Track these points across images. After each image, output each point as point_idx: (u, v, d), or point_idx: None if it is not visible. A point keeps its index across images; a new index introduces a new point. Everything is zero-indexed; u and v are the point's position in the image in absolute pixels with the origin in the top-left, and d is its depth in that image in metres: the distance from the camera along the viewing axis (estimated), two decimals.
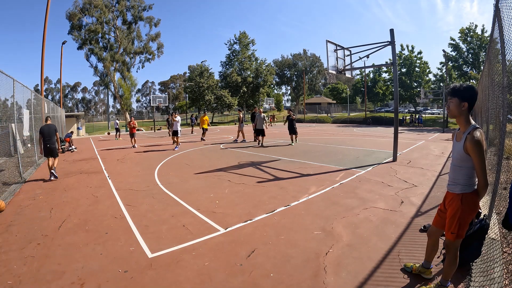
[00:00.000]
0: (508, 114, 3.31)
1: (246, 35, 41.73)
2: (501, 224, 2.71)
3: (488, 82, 5.40)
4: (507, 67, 2.89)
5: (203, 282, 2.50)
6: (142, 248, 3.12)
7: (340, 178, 6.16)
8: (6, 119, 8.80)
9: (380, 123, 30.27)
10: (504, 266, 2.44)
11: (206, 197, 4.96)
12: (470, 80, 27.48)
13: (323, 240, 3.24)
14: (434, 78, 35.69)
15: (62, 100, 26.00)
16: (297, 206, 4.41)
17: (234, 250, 3.04)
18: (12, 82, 6.61)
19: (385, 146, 11.37)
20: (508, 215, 2.20)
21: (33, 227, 3.77)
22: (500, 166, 3.03)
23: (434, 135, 17.23)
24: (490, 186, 3.25)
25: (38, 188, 5.94)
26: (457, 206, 2.09)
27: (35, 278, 2.58)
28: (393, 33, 7.86)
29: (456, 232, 2.11)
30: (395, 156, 8.13)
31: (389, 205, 4.36)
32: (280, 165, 7.75)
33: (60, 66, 25.62)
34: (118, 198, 5.02)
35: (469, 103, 2.04)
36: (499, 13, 2.95)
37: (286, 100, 78.75)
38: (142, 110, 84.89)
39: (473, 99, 2.05)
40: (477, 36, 28.70)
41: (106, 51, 33.61)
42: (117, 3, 33.52)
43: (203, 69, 39.80)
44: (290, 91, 68.37)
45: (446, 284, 2.25)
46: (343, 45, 8.98)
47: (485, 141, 2.03)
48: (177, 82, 78.05)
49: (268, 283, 2.46)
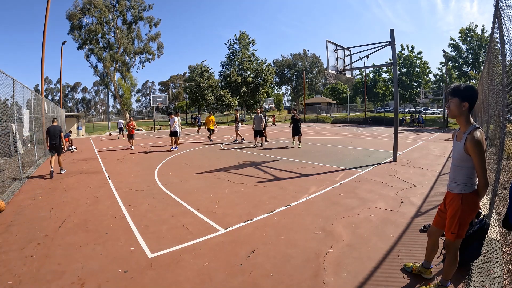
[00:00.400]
0: (508, 114, 3.31)
1: (246, 35, 41.75)
2: (501, 224, 2.71)
3: (488, 82, 5.40)
4: (507, 67, 2.88)
5: (203, 282, 2.50)
6: (142, 248, 3.12)
7: (340, 178, 6.16)
8: (6, 119, 8.80)
9: (380, 123, 30.27)
10: (504, 266, 2.44)
11: (206, 197, 4.96)
12: (470, 80, 27.48)
13: (323, 240, 3.24)
14: (434, 78, 35.71)
15: (62, 100, 26.01)
16: (297, 206, 4.41)
17: (234, 250, 3.04)
18: (12, 82, 6.61)
19: (385, 146, 11.37)
20: (508, 215, 2.20)
21: (33, 227, 3.77)
22: (500, 166, 3.03)
23: (434, 135, 17.23)
24: (490, 186, 3.25)
25: (38, 188, 5.94)
26: (457, 206, 2.09)
27: (35, 278, 2.58)
28: (393, 33, 7.86)
29: (456, 232, 2.11)
30: (395, 156, 8.13)
31: (389, 205, 4.36)
32: (280, 165, 7.75)
33: (60, 66, 25.66)
34: (118, 198, 5.02)
35: (470, 103, 2.04)
36: (499, 13, 2.95)
37: (286, 100, 78.77)
38: (142, 110, 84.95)
39: (473, 99, 2.05)
40: (477, 36, 28.71)
41: (106, 51, 33.62)
42: (117, 3, 33.53)
43: (203, 69, 39.81)
44: (290, 91, 68.40)
45: (446, 284, 2.24)
46: (343, 45, 8.98)
47: (485, 141, 2.03)
48: (177, 82, 78.08)
49: (268, 283, 2.46)
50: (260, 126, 11.95)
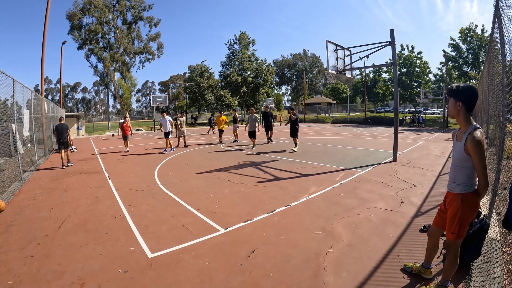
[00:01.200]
0: (508, 114, 3.31)
1: (246, 35, 41.73)
2: (501, 224, 2.71)
3: (488, 82, 5.41)
4: (507, 67, 2.88)
5: (203, 282, 2.50)
6: (142, 248, 3.12)
7: (340, 178, 6.16)
8: (6, 119, 8.81)
9: (380, 123, 30.26)
10: (504, 266, 2.44)
11: (206, 197, 4.96)
12: (470, 80, 27.48)
13: (323, 240, 3.24)
14: (434, 78, 35.73)
15: (62, 100, 26.00)
16: (297, 206, 4.41)
17: (234, 250, 3.04)
18: (12, 82, 6.61)
19: (385, 146, 11.37)
20: (508, 215, 2.20)
21: (33, 227, 3.77)
22: (500, 166, 3.03)
23: (434, 135, 17.23)
24: (490, 186, 3.25)
25: (38, 188, 5.94)
26: (457, 206, 2.09)
27: (35, 278, 2.58)
28: (393, 33, 7.86)
29: (456, 232, 2.10)
30: (395, 156, 8.13)
31: (389, 205, 4.36)
32: (280, 165, 7.75)
33: (60, 66, 25.61)
34: (118, 198, 5.01)
35: (465, 103, 2.04)
36: (499, 13, 2.95)
37: (286, 100, 78.75)
38: (142, 110, 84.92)
39: (468, 99, 2.04)
40: (477, 36, 28.71)
41: (106, 51, 33.60)
42: (117, 3, 33.51)
43: (203, 69, 39.78)
44: (290, 91, 68.37)
45: (446, 284, 2.24)
46: (343, 45, 8.98)
47: (485, 141, 2.03)
48: (177, 82, 78.06)
49: (268, 283, 2.46)
50: (254, 127, 11.52)
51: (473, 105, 2.08)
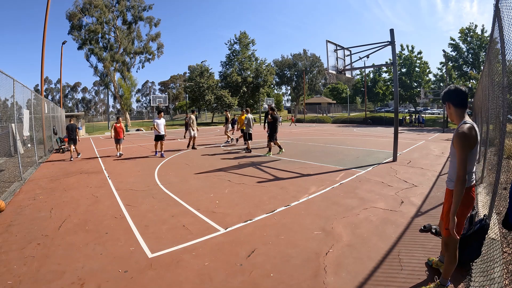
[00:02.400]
0: (508, 114, 3.31)
1: (246, 35, 41.70)
2: (501, 224, 2.71)
3: (488, 82, 5.40)
4: (507, 67, 2.88)
5: (203, 282, 2.49)
6: (142, 248, 3.12)
7: (340, 178, 6.16)
8: (6, 119, 8.80)
9: (380, 123, 30.27)
10: (504, 266, 2.44)
11: (206, 197, 4.96)
12: (470, 80, 27.49)
13: (323, 240, 3.24)
14: (434, 78, 35.68)
15: (62, 100, 25.99)
16: (297, 206, 4.41)
17: (234, 250, 3.04)
18: (12, 82, 6.61)
19: (385, 146, 11.37)
20: (508, 215, 2.20)
21: (33, 227, 3.77)
22: (500, 166, 3.03)
23: (434, 135, 17.23)
24: (490, 186, 3.25)
25: (38, 188, 5.94)
26: (451, 202, 2.10)
27: (35, 278, 2.57)
28: (393, 33, 7.86)
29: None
30: (395, 156, 8.13)
31: (389, 205, 4.36)
32: (280, 165, 7.75)
33: (60, 66, 25.58)
34: (118, 198, 5.01)
35: (452, 102, 2.13)
36: (499, 13, 2.95)
37: (286, 100, 78.74)
38: (142, 110, 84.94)
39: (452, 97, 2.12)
40: (477, 36, 28.70)
41: (106, 51, 33.63)
42: (117, 3, 33.55)
43: (203, 69, 39.77)
44: (290, 91, 68.27)
45: (446, 284, 2.24)
46: (343, 45, 8.98)
47: (477, 136, 2.03)
48: (177, 82, 78.07)
49: (268, 283, 2.46)
50: (248, 128, 10.85)
51: (462, 102, 2.11)
